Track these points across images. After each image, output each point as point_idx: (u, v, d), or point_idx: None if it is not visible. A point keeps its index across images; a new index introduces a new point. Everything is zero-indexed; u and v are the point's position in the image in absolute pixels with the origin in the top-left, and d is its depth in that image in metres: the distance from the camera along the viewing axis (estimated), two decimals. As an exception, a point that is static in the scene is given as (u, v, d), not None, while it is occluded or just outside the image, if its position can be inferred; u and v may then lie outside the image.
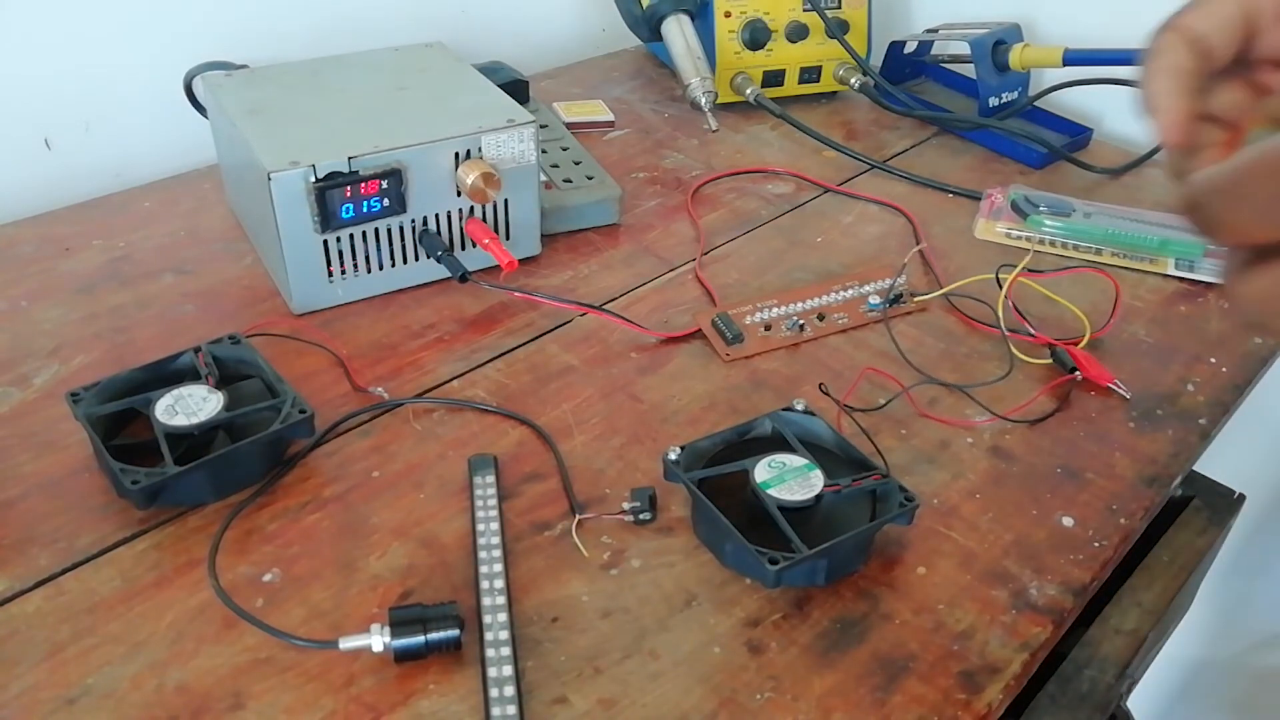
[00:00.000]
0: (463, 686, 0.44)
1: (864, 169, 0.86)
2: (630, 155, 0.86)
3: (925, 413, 0.59)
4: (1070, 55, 0.86)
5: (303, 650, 0.44)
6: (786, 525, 0.47)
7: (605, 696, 0.43)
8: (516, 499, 0.53)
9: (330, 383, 0.60)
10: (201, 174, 0.79)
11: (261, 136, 0.63)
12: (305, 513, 0.51)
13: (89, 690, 0.43)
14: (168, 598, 0.47)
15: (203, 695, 0.43)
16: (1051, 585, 0.49)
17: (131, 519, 0.50)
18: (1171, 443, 0.58)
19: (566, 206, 0.74)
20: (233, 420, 0.52)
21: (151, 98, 0.80)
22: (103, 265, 0.69)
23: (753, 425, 0.54)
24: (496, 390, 0.60)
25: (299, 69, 0.72)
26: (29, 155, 0.77)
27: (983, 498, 0.54)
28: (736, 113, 0.93)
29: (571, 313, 0.67)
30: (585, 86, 0.98)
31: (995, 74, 0.91)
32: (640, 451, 0.56)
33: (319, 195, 0.60)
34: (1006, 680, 0.45)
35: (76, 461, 0.53)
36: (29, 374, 0.59)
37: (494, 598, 0.46)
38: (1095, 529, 0.53)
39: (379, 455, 0.55)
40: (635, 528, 0.51)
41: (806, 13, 0.93)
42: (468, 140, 0.64)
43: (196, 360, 0.55)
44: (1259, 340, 0.66)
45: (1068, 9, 0.95)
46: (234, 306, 0.66)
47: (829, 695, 0.44)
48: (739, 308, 0.67)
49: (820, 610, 0.48)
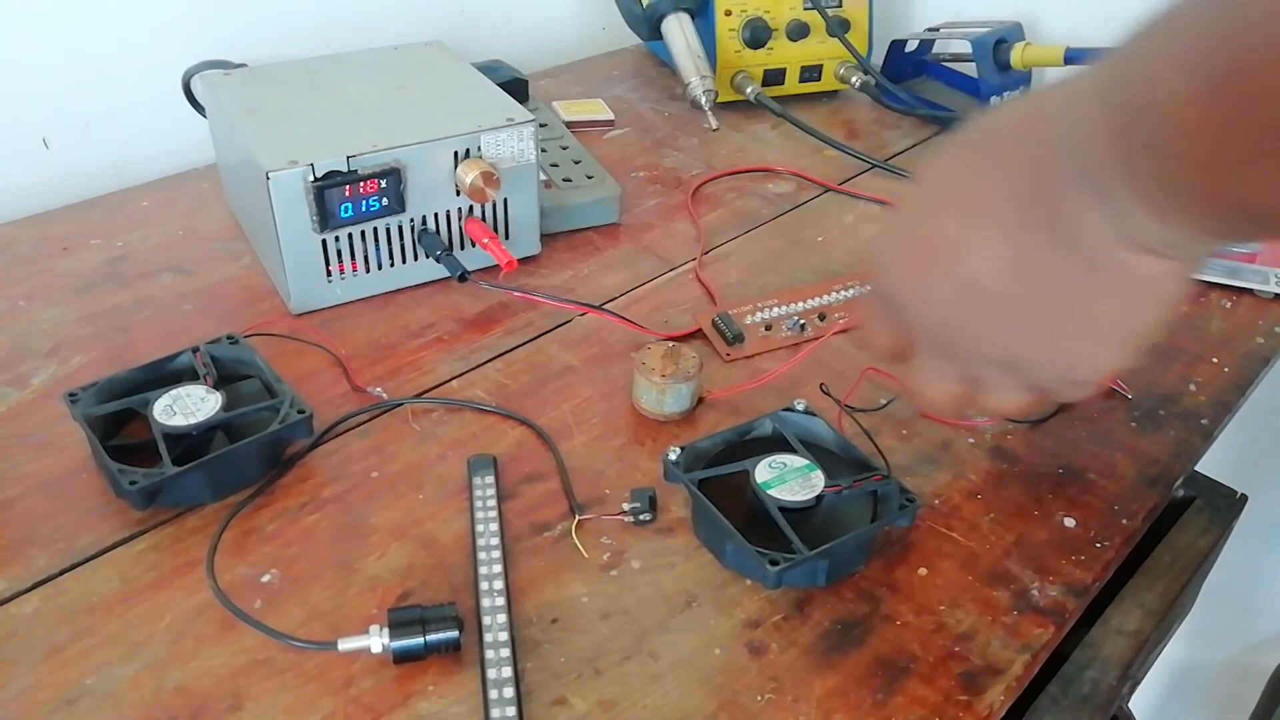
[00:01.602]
0: (462, 688, 0.43)
1: (865, 168, 0.86)
2: (630, 154, 0.86)
3: (926, 413, 0.59)
4: (1072, 54, 0.86)
5: (301, 651, 0.44)
6: (787, 526, 0.47)
7: (605, 698, 0.43)
8: (516, 499, 0.53)
9: (329, 383, 0.60)
10: (200, 173, 0.79)
11: (260, 136, 0.62)
12: (304, 513, 0.51)
13: (88, 691, 0.43)
14: (166, 598, 0.47)
15: (201, 696, 0.43)
16: (1053, 586, 0.49)
17: (130, 519, 0.50)
18: (1173, 443, 0.58)
19: (566, 206, 0.74)
20: (231, 420, 0.52)
21: (150, 97, 0.80)
22: (101, 265, 0.69)
23: (753, 425, 0.54)
24: (496, 390, 0.60)
25: (298, 68, 0.71)
26: (27, 154, 0.77)
27: (984, 498, 0.54)
28: (737, 112, 0.93)
29: (571, 312, 0.66)
30: (585, 85, 0.98)
31: (997, 73, 0.91)
32: (640, 452, 0.56)
33: (318, 194, 0.60)
34: (1008, 681, 0.45)
35: (75, 462, 0.53)
36: (27, 374, 0.59)
37: (493, 599, 0.46)
38: (1097, 530, 0.52)
39: (378, 456, 0.55)
40: (635, 528, 0.51)
41: (807, 11, 0.93)
42: (467, 139, 0.64)
43: (195, 360, 0.55)
44: (1261, 340, 0.66)
45: (1069, 8, 0.95)
46: (232, 306, 0.66)
47: (830, 697, 0.44)
48: (739, 307, 0.66)
49: (821, 611, 0.48)
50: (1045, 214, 0.37)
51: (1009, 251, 0.38)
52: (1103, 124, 0.33)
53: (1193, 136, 0.30)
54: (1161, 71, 0.30)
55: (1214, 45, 0.29)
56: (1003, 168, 0.38)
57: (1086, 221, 0.36)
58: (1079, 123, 0.35)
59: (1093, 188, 0.35)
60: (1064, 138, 0.36)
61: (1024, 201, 0.37)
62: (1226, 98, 0.28)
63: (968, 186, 0.39)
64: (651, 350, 0.58)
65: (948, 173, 0.41)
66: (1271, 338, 0.66)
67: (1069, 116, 0.35)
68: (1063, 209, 0.36)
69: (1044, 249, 0.37)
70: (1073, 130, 0.35)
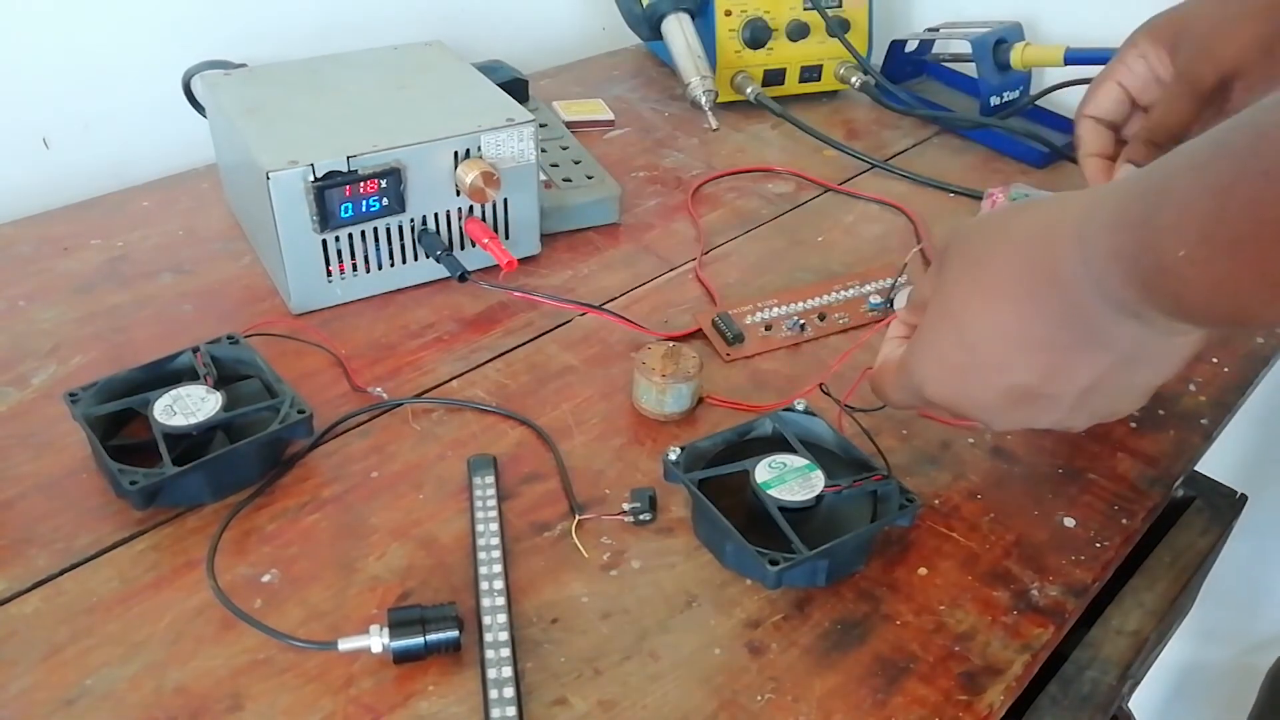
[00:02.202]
0: (462, 688, 0.43)
1: (865, 168, 0.86)
2: (630, 154, 0.86)
3: (926, 413, 0.59)
4: (1072, 54, 0.86)
5: (301, 651, 0.44)
6: (787, 526, 0.47)
7: (605, 698, 0.43)
8: (516, 499, 0.53)
9: (329, 383, 0.60)
10: (200, 173, 0.79)
11: (260, 136, 0.62)
12: (304, 513, 0.51)
13: (87, 691, 0.43)
14: (166, 598, 0.47)
15: (201, 696, 0.43)
16: (1053, 586, 0.49)
17: (130, 519, 0.50)
18: (1173, 443, 0.58)
19: (566, 206, 0.74)
20: (231, 420, 0.52)
21: (150, 97, 0.80)
22: (101, 265, 0.69)
23: (753, 425, 0.54)
24: (496, 390, 0.60)
25: (298, 68, 0.71)
26: (27, 154, 0.77)
27: (984, 498, 0.54)
28: (737, 112, 0.93)
29: (571, 312, 0.66)
30: (585, 85, 0.98)
31: (996, 73, 0.91)
32: (640, 452, 0.56)
33: (318, 194, 0.60)
34: (1008, 681, 0.45)
35: (75, 462, 0.53)
36: (27, 374, 0.59)
37: (493, 599, 0.46)
38: (1097, 530, 0.52)
39: (378, 456, 0.55)
40: (635, 528, 0.51)
41: (807, 11, 0.93)
42: (467, 139, 0.64)
43: (195, 360, 0.55)
44: (1261, 340, 0.66)
45: (1069, 8, 0.95)
46: (232, 306, 0.66)
47: (830, 697, 0.44)
48: (739, 307, 0.66)
49: (821, 611, 0.48)
50: (1080, 331, 0.41)
51: (1046, 360, 0.42)
52: (1119, 276, 0.37)
53: (1205, 293, 0.34)
54: (1173, 242, 0.34)
55: (1220, 208, 0.32)
56: (1027, 284, 0.41)
57: (1111, 323, 0.40)
58: (1090, 260, 0.38)
59: (1113, 304, 0.39)
60: (1081, 264, 0.39)
61: (1054, 320, 0.41)
62: (1235, 262, 0.32)
63: (996, 299, 0.43)
64: (651, 350, 0.58)
65: (973, 285, 0.44)
66: (1272, 338, 0.66)
67: (1081, 256, 0.39)
68: (1091, 319, 0.40)
69: (1076, 350, 0.42)
70: (1086, 268, 0.39)
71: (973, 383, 0.45)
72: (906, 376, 0.48)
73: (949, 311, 0.45)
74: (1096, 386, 0.43)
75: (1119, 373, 0.43)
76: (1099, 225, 0.38)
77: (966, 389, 0.45)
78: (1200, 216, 0.33)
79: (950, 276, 0.45)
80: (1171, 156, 0.35)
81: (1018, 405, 0.45)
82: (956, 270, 0.45)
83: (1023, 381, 0.43)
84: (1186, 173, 0.34)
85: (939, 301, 0.46)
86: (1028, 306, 0.42)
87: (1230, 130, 0.33)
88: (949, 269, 0.45)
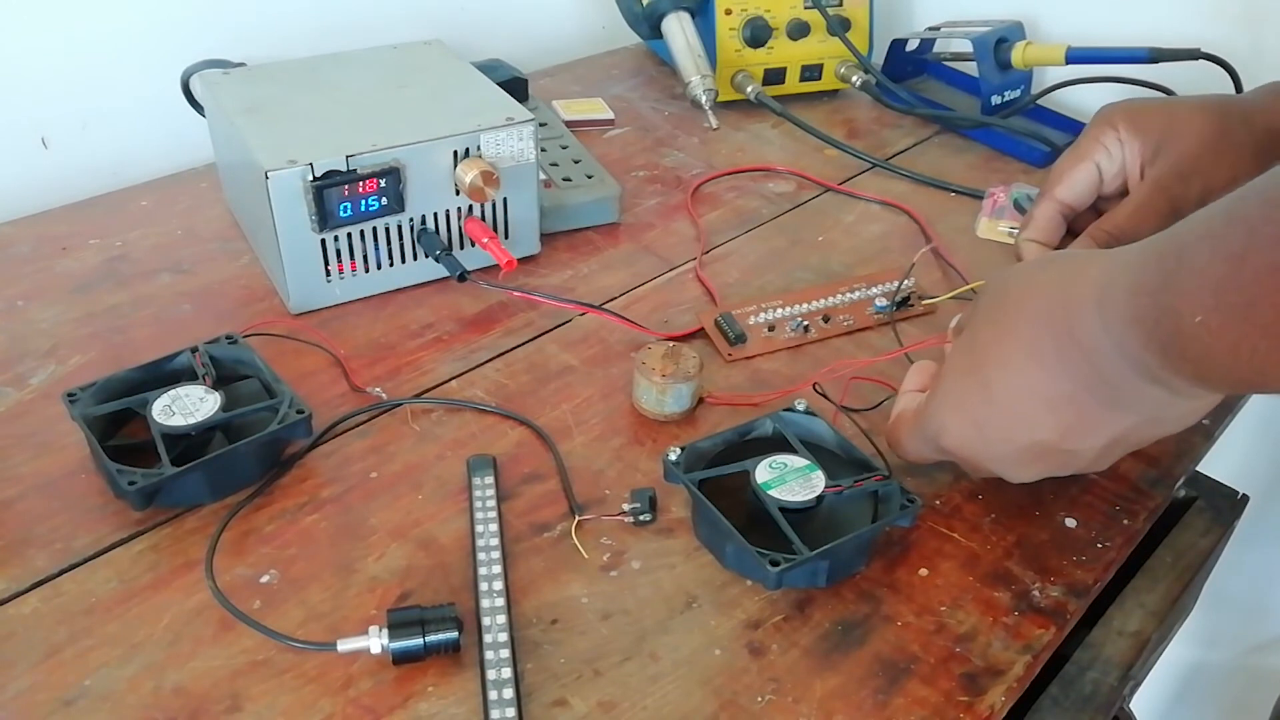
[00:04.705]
0: (461, 689, 0.43)
1: (866, 167, 0.85)
2: (630, 154, 0.86)
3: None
4: (1073, 54, 0.86)
5: (300, 652, 0.44)
6: (788, 526, 0.46)
7: (605, 699, 0.43)
8: (515, 500, 0.52)
9: (328, 383, 0.60)
10: (199, 173, 0.79)
11: (259, 135, 0.62)
12: (303, 514, 0.51)
13: (86, 692, 0.42)
14: (165, 599, 0.46)
15: (200, 697, 0.42)
16: (1054, 587, 0.49)
17: (128, 520, 0.50)
18: (1175, 443, 0.58)
19: (566, 205, 0.74)
20: (230, 421, 0.51)
21: (149, 96, 0.80)
22: (100, 265, 0.69)
23: (754, 426, 0.53)
24: (495, 390, 0.60)
25: (297, 67, 0.71)
26: (26, 154, 0.77)
27: (985, 499, 0.54)
28: (737, 111, 0.93)
29: (571, 312, 0.66)
30: (585, 84, 0.98)
31: (997, 72, 0.91)
32: (640, 452, 0.56)
33: (317, 194, 0.60)
34: (1009, 682, 0.45)
35: (73, 462, 0.53)
36: (25, 374, 0.59)
37: (493, 599, 0.46)
38: (1098, 530, 0.52)
39: (377, 456, 0.55)
40: (635, 529, 0.51)
41: (808, 10, 0.93)
42: (466, 139, 0.64)
43: (194, 360, 0.55)
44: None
45: (1070, 7, 0.95)
46: (231, 306, 0.66)
47: (830, 697, 0.44)
48: (742, 308, 0.66)
49: (821, 612, 0.47)
50: (1105, 393, 0.42)
51: (1069, 419, 0.44)
52: (1139, 340, 0.38)
53: (1224, 358, 0.35)
54: (1190, 307, 0.35)
55: (1235, 273, 0.33)
56: (1052, 344, 0.43)
57: (1134, 388, 0.41)
58: (1111, 326, 0.39)
59: (1137, 369, 0.40)
60: (1102, 329, 0.40)
61: (1079, 381, 0.42)
62: (1251, 326, 0.33)
63: (1024, 356, 0.44)
64: (651, 350, 0.58)
65: (1001, 339, 0.45)
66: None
67: (1101, 321, 0.40)
68: (1114, 382, 0.41)
69: (1100, 410, 0.43)
70: (1107, 333, 0.40)
71: (993, 436, 0.46)
72: (925, 426, 0.48)
73: (975, 364, 0.46)
74: (1117, 441, 0.45)
75: (1140, 430, 0.45)
76: (1118, 289, 0.39)
77: (986, 441, 0.46)
78: (1215, 282, 0.34)
79: (978, 327, 0.46)
80: (1187, 223, 0.37)
81: (1036, 460, 0.46)
82: (985, 322, 0.46)
83: (1044, 439, 0.44)
84: (1202, 240, 0.35)
85: (965, 352, 0.46)
86: (1055, 365, 0.42)
87: (1242, 200, 0.34)
88: (978, 319, 0.46)
